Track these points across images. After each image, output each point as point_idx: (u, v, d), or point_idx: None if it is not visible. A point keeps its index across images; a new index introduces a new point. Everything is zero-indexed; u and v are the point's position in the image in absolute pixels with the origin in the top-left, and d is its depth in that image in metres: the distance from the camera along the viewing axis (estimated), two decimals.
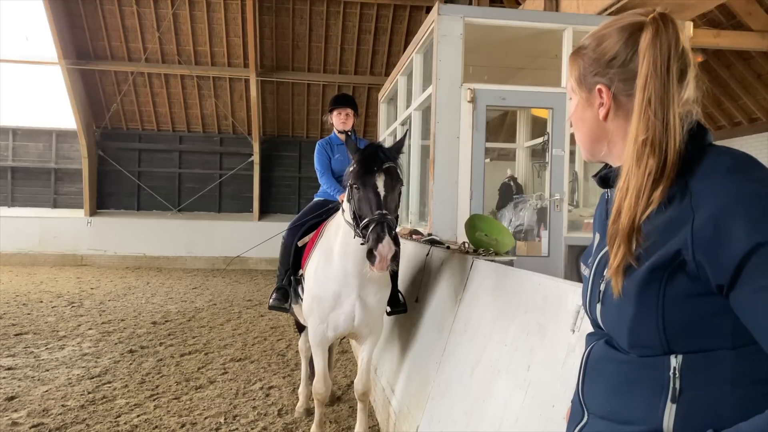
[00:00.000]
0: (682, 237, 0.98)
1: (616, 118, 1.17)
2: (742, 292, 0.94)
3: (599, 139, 1.21)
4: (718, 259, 0.95)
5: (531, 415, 2.20)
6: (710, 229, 0.95)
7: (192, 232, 16.70)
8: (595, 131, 1.21)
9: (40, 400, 4.98)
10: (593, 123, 1.21)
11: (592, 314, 1.21)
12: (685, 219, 0.99)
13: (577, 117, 1.25)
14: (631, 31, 1.13)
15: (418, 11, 15.50)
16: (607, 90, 1.16)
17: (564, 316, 2.19)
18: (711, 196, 0.98)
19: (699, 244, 0.96)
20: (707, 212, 0.96)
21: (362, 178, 3.20)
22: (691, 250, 0.97)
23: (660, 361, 1.03)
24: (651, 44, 1.07)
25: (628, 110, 1.14)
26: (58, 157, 17.07)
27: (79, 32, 15.42)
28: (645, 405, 1.05)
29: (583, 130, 1.24)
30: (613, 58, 1.15)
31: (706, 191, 0.99)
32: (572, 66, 1.25)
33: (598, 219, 1.31)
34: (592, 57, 1.19)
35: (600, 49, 1.18)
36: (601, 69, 1.17)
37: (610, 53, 1.16)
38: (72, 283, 12.43)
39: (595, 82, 1.18)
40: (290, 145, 17.90)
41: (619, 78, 1.15)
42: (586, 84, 1.21)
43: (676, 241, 0.99)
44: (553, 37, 6.66)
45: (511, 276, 2.93)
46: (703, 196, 0.99)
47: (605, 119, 1.18)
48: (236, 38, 15.81)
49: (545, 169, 8.69)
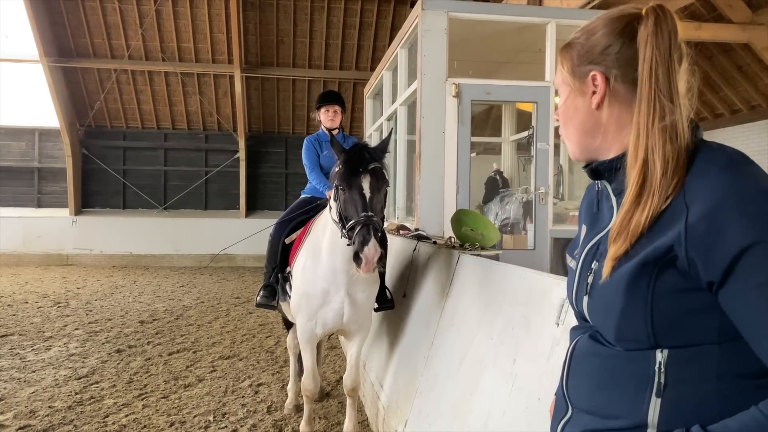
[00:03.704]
0: (675, 232, 0.98)
1: (610, 106, 1.16)
2: (733, 289, 0.94)
3: (592, 130, 1.20)
4: (711, 256, 0.95)
5: (517, 408, 2.22)
6: (704, 226, 0.95)
7: (178, 230, 16.60)
8: (587, 122, 1.20)
9: (27, 402, 4.95)
10: (585, 113, 1.19)
11: (578, 307, 1.21)
12: (679, 214, 0.99)
13: (568, 109, 1.23)
14: (626, 21, 1.13)
15: (403, 6, 15.48)
16: (602, 76, 1.15)
17: (549, 310, 2.22)
18: (705, 192, 0.97)
19: (692, 241, 0.96)
20: (701, 208, 0.96)
21: (348, 179, 3.19)
22: (684, 246, 0.97)
23: (645, 356, 1.04)
24: (653, 32, 1.07)
25: (624, 98, 1.14)
26: (42, 156, 16.87)
27: (60, 29, 15.23)
28: (630, 399, 1.05)
29: (574, 122, 1.22)
30: (607, 46, 1.15)
31: (700, 187, 0.99)
32: (563, 58, 1.24)
33: (586, 211, 1.30)
34: (585, 47, 1.19)
35: (593, 40, 1.18)
36: (595, 57, 1.17)
37: (603, 43, 1.16)
38: (58, 283, 12.33)
39: (588, 69, 1.17)
40: (276, 141, 17.83)
41: (615, 65, 1.14)
42: (578, 73, 1.20)
43: (669, 236, 0.99)
44: (537, 31, 6.69)
45: (496, 270, 2.95)
46: (697, 191, 0.98)
47: (598, 107, 1.17)
48: (220, 34, 15.70)
49: (531, 162, 8.74)
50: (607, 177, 1.19)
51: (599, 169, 1.20)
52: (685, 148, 1.04)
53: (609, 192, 1.19)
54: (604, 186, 1.21)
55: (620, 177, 1.14)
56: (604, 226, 1.19)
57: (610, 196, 1.19)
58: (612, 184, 1.18)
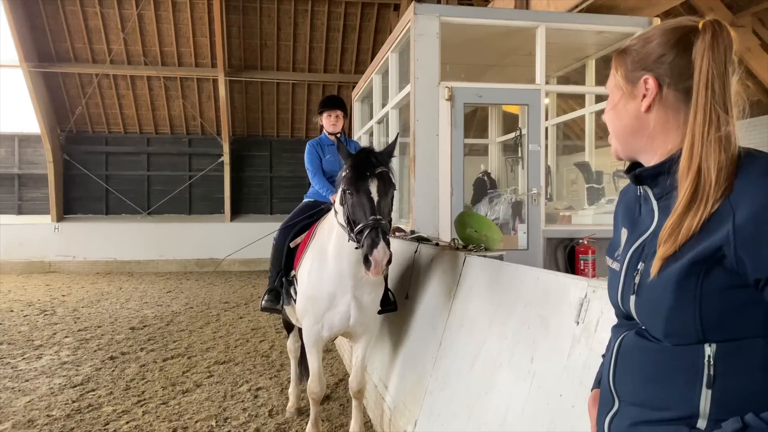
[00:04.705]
0: (723, 233, 1.04)
1: (658, 110, 1.22)
2: None
3: (638, 131, 1.25)
4: (760, 255, 1.01)
5: (538, 405, 2.27)
6: (752, 227, 1.02)
7: (163, 235, 16.48)
8: (634, 124, 1.26)
9: (24, 411, 4.89)
10: (634, 115, 1.25)
11: (625, 306, 1.26)
12: (726, 217, 1.05)
13: (617, 111, 1.29)
14: (682, 33, 1.19)
15: (386, 9, 15.56)
16: (654, 80, 1.21)
17: (567, 309, 2.27)
18: (751, 195, 1.04)
19: (741, 241, 1.02)
20: (748, 210, 1.02)
21: (355, 183, 3.22)
22: (733, 246, 1.03)
23: (694, 350, 1.09)
24: (710, 45, 1.13)
25: (672, 105, 1.20)
26: (22, 163, 16.64)
27: (40, 34, 15.05)
28: (680, 391, 1.11)
29: (622, 121, 1.29)
30: (661, 55, 1.20)
31: (745, 190, 1.05)
32: (618, 63, 1.30)
33: (626, 214, 1.35)
34: (641, 54, 1.24)
35: (648, 48, 1.23)
36: (649, 64, 1.22)
37: (657, 51, 1.21)
38: (42, 291, 12.16)
39: (641, 74, 1.23)
40: (261, 144, 17.79)
41: (668, 73, 1.19)
42: (631, 78, 1.25)
43: (718, 237, 1.05)
44: (526, 34, 6.78)
45: (506, 271, 3.00)
46: (741, 194, 1.05)
47: (648, 111, 1.23)
48: (203, 38, 15.63)
49: (518, 164, 8.84)
50: (649, 182, 1.25)
51: (642, 175, 1.25)
52: (735, 156, 1.10)
53: (650, 196, 1.25)
54: (646, 191, 1.26)
55: (662, 182, 1.20)
56: (645, 229, 1.24)
57: (650, 200, 1.25)
58: (654, 189, 1.24)
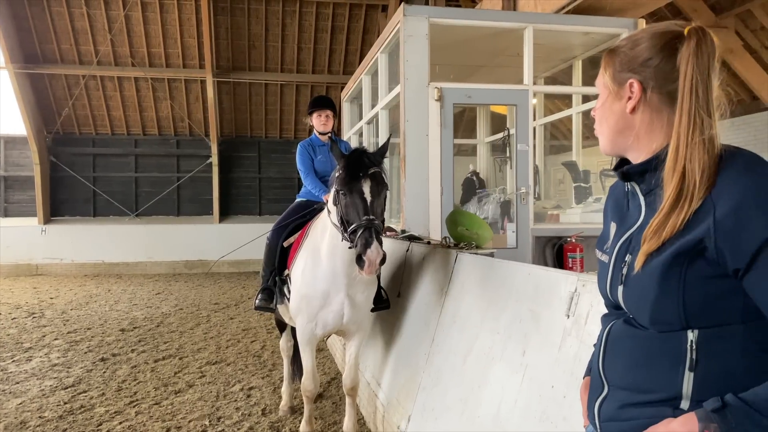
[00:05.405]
0: (704, 227, 1.12)
1: (643, 112, 1.28)
2: (757, 275, 1.08)
3: (624, 130, 1.32)
4: (738, 247, 1.08)
5: (531, 397, 2.33)
6: (732, 220, 1.09)
7: (151, 237, 16.41)
8: (620, 123, 1.32)
9: (16, 413, 4.88)
10: (620, 115, 1.32)
11: (613, 296, 1.33)
12: (707, 211, 1.12)
13: (604, 110, 1.36)
14: (669, 38, 1.25)
15: (374, 10, 15.62)
16: (638, 84, 1.28)
17: (558, 303, 2.33)
18: (730, 190, 1.11)
19: (721, 234, 1.10)
20: (728, 205, 1.10)
21: (348, 184, 3.26)
22: (713, 238, 1.11)
23: (678, 336, 1.17)
24: (695, 52, 1.20)
25: (656, 107, 1.27)
26: (8, 165, 16.51)
27: (26, 35, 14.94)
28: (665, 374, 1.18)
29: (609, 121, 1.35)
30: (648, 59, 1.27)
31: (725, 187, 1.12)
32: (607, 63, 1.36)
33: (615, 209, 1.42)
34: (628, 56, 1.31)
35: (635, 51, 1.30)
36: (635, 67, 1.29)
37: (644, 55, 1.28)
38: (29, 294, 12.08)
39: (627, 77, 1.30)
40: (249, 145, 17.77)
41: (652, 77, 1.26)
42: (618, 79, 1.32)
43: (700, 230, 1.12)
44: (513, 35, 6.86)
45: (498, 267, 3.06)
46: (722, 190, 1.12)
47: (632, 112, 1.29)
48: (191, 39, 15.60)
49: (506, 163, 8.93)
50: (636, 179, 1.32)
51: (630, 172, 1.33)
52: (717, 156, 1.17)
53: (638, 192, 1.32)
54: (633, 187, 1.33)
55: (648, 179, 1.28)
56: (633, 223, 1.32)
57: (637, 196, 1.33)
58: (641, 185, 1.31)
